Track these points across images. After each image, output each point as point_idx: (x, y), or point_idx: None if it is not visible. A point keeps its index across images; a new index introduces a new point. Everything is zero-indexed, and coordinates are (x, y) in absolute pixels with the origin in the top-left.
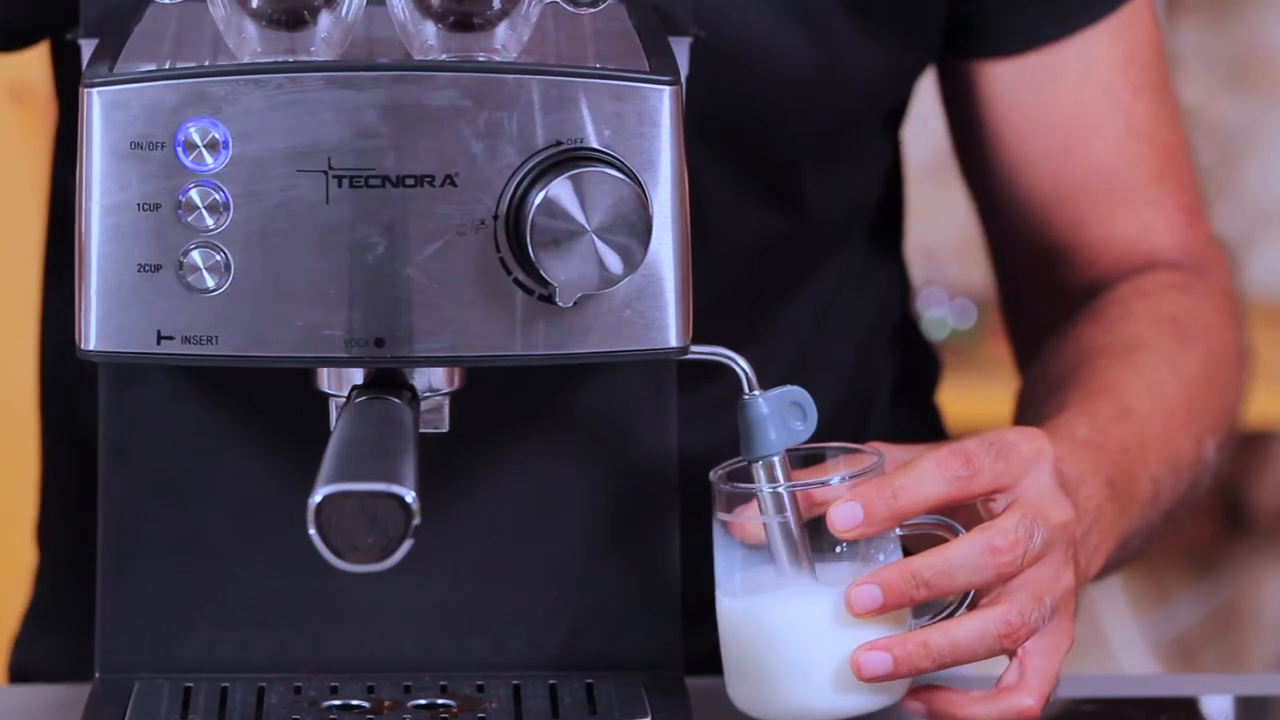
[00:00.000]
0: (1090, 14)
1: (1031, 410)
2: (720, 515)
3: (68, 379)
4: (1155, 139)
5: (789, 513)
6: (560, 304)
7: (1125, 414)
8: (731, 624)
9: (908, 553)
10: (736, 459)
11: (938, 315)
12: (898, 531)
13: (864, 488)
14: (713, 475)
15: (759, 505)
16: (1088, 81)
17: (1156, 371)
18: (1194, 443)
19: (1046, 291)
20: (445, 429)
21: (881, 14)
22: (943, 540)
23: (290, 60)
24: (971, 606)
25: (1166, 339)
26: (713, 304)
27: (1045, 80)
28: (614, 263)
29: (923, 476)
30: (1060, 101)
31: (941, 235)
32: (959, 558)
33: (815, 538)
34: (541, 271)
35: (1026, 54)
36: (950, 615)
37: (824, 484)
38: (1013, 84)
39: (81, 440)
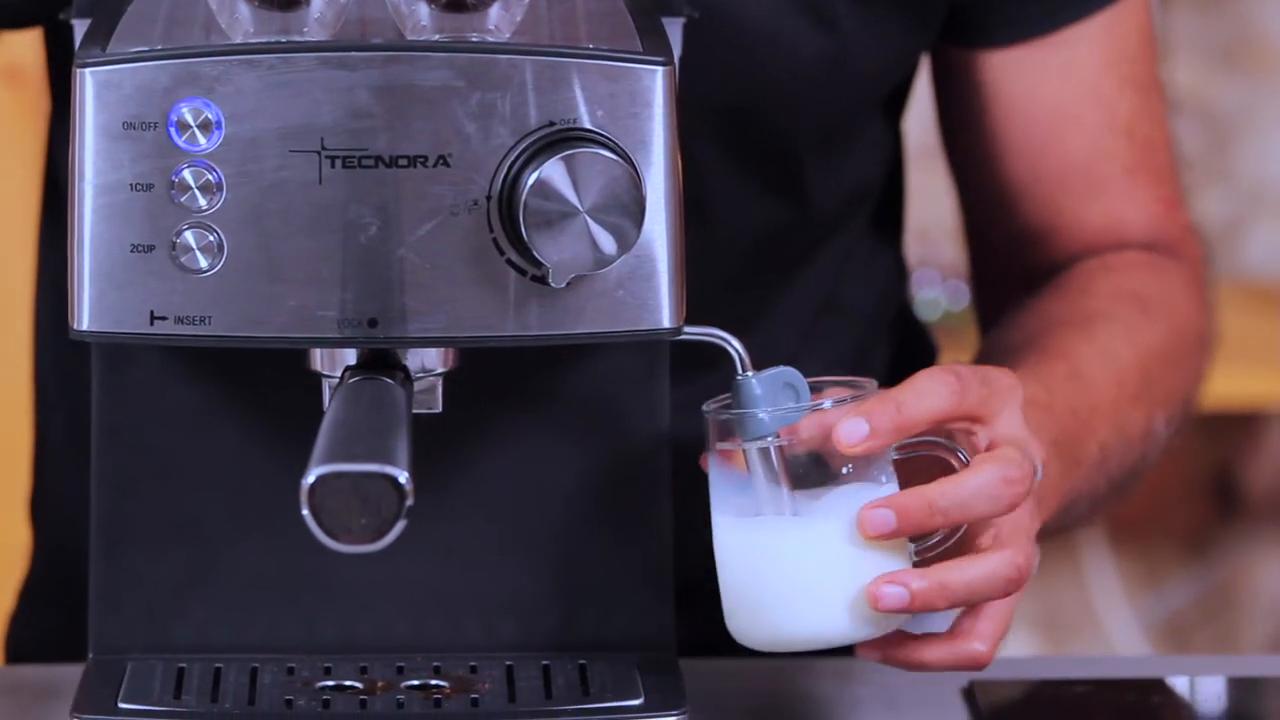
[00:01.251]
0: (1085, 8)
1: None
2: (718, 445)
3: (61, 358)
4: (1136, 133)
5: (771, 443)
6: (553, 284)
7: (1076, 377)
8: (728, 549)
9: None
10: (727, 395)
11: (930, 296)
12: (893, 456)
13: (867, 404)
14: (706, 408)
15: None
16: (1073, 75)
17: (1112, 341)
18: (1144, 415)
19: (1016, 271)
20: (438, 410)
21: (887, 1)
22: (941, 462)
23: (283, 40)
24: (960, 540)
25: (1127, 311)
26: (712, 291)
27: (1032, 72)
28: (607, 243)
29: (923, 392)
30: (1045, 94)
31: (935, 217)
32: (974, 487)
33: (816, 468)
34: (535, 252)
35: (1017, 45)
36: (940, 545)
37: (818, 407)
38: (1001, 73)
39: (75, 419)
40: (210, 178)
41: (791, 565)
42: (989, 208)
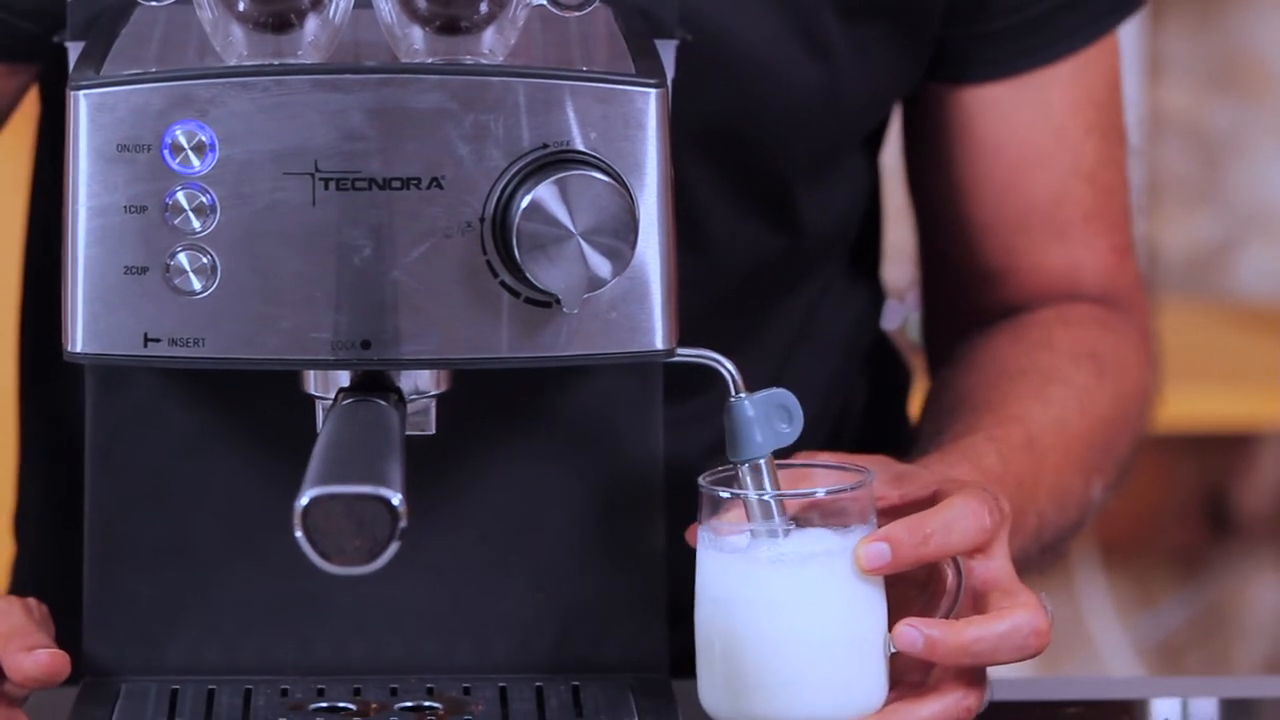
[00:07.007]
0: (1056, 50)
1: (939, 418)
2: (711, 521)
3: (48, 374)
4: (1097, 179)
5: (776, 519)
6: (567, 310)
7: (1029, 446)
8: (710, 628)
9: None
10: (724, 465)
11: (919, 318)
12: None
13: (896, 529)
14: (702, 480)
15: (745, 511)
16: (1042, 117)
17: (1066, 407)
18: (1084, 483)
19: (969, 308)
20: (432, 431)
21: (880, 33)
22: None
23: (277, 63)
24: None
25: (1083, 374)
26: (698, 317)
27: (1004, 110)
28: (601, 265)
29: (953, 526)
30: (1013, 134)
31: None
32: (1002, 632)
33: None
34: (528, 275)
35: (992, 83)
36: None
37: (810, 494)
38: (973, 110)
39: (61, 435)
40: (204, 200)
41: (772, 651)
42: (948, 243)
